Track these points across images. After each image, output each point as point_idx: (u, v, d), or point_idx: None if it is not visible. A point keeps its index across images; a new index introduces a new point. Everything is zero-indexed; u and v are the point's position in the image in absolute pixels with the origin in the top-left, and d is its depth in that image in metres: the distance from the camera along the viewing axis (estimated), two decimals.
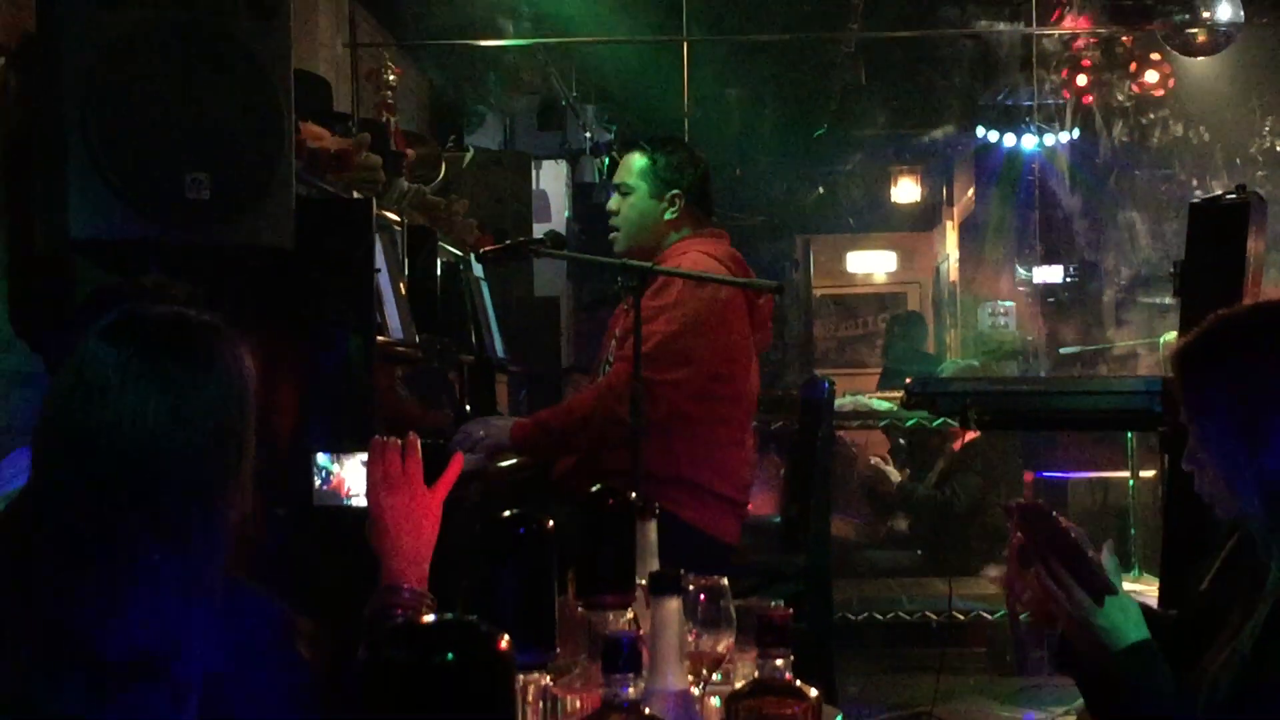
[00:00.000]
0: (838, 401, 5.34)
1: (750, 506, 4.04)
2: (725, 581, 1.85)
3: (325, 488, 2.47)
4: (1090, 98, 8.77)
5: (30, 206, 3.10)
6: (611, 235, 3.97)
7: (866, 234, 12.09)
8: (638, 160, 3.93)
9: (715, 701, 1.81)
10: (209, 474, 1.62)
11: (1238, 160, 8.67)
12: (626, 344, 3.50)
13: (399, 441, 2.09)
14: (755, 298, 3.89)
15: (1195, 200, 3.82)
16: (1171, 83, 8.52)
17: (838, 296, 12.47)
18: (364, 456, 2.16)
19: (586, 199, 7.51)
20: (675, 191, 3.90)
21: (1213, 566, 2.22)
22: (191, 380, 1.61)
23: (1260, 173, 8.33)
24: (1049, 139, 9.12)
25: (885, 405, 6.32)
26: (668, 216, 3.91)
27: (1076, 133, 9.02)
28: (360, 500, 2.22)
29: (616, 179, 3.99)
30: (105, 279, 3.11)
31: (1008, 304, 8.94)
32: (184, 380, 1.61)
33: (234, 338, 1.67)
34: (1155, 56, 8.29)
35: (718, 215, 4.17)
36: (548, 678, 1.63)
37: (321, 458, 2.62)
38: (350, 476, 2.34)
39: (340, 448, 2.42)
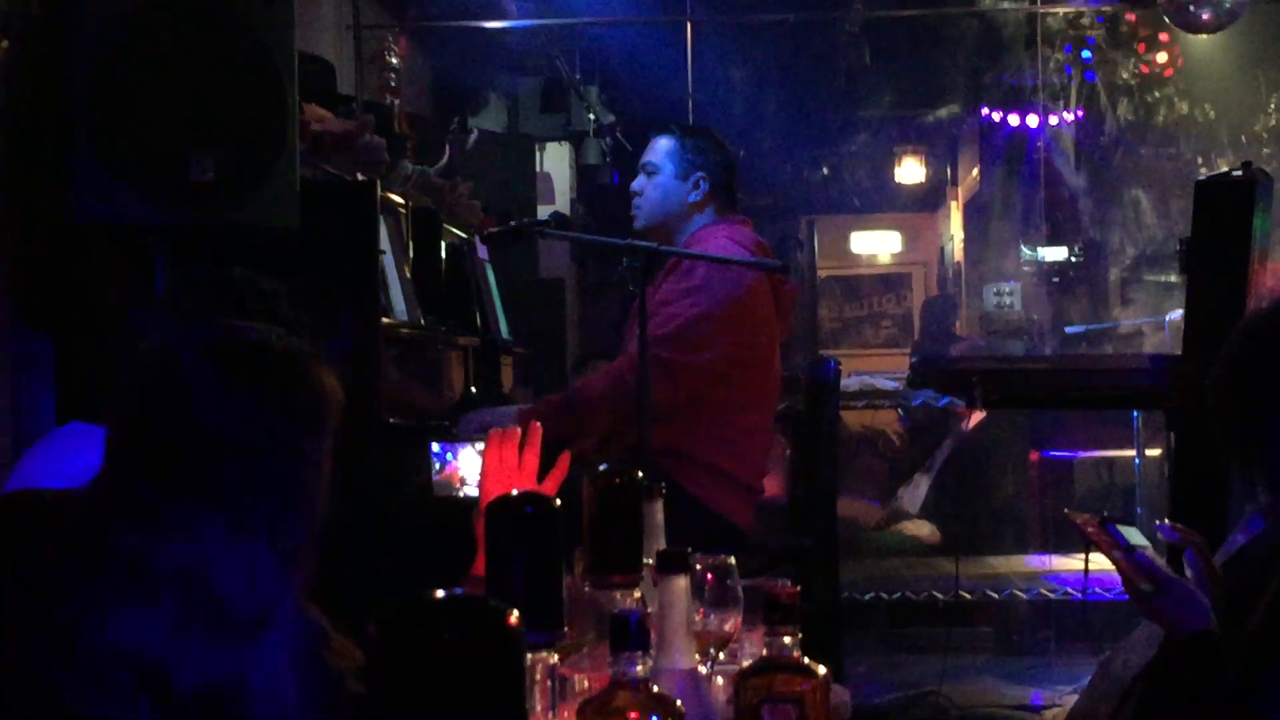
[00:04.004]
0: (843, 381, 5.34)
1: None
2: (733, 560, 1.85)
3: (438, 477, 2.48)
4: (1095, 75, 8.74)
5: (34, 189, 3.09)
6: (632, 213, 3.98)
7: (871, 215, 12.05)
8: (665, 141, 3.96)
9: (722, 680, 1.82)
10: (284, 495, 1.60)
11: (1243, 138, 8.64)
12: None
13: (519, 432, 2.10)
14: (780, 285, 3.89)
15: (1201, 178, 3.81)
16: (1178, 61, 8.49)
17: (842, 277, 12.44)
18: (479, 446, 2.17)
19: (590, 181, 7.49)
20: (701, 174, 3.91)
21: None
22: (272, 406, 1.60)
23: (1266, 150, 8.30)
24: (1054, 118, 9.08)
25: (891, 384, 6.32)
26: (691, 198, 3.92)
27: (1081, 111, 8.99)
28: (473, 490, 2.23)
29: (643, 159, 4.01)
30: (109, 261, 3.11)
31: (1013, 284, 8.93)
32: (266, 405, 1.60)
33: (319, 363, 1.66)
34: (1160, 34, 8.27)
35: None
36: (555, 656, 1.63)
37: (436, 446, 2.64)
38: (464, 466, 2.35)
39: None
